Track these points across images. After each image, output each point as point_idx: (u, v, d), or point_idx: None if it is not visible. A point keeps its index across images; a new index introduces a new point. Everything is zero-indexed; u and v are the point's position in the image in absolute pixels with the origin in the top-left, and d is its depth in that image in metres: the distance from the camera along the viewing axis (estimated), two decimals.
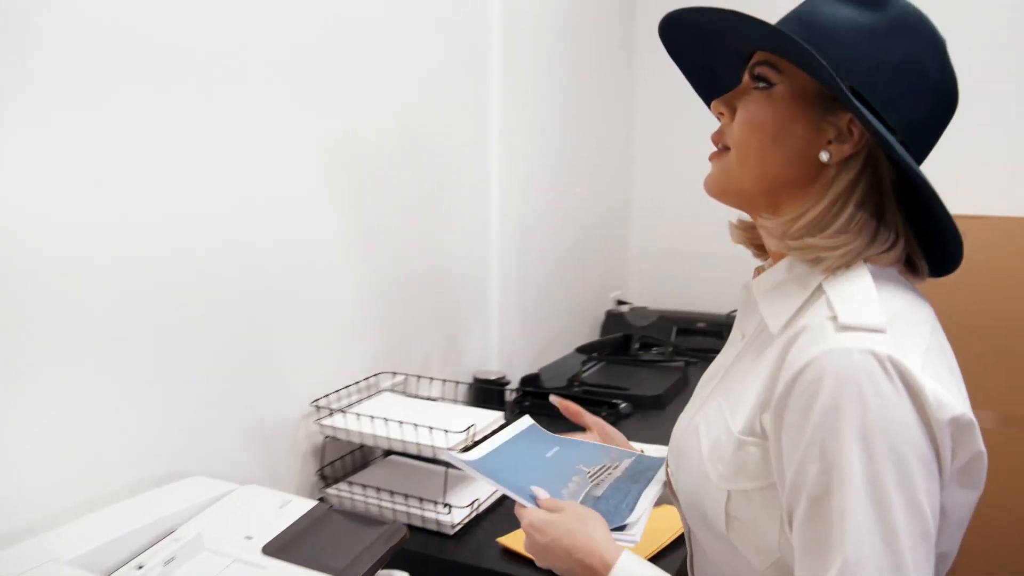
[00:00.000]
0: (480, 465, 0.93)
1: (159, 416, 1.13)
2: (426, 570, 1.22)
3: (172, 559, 0.90)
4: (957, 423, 0.68)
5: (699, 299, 2.81)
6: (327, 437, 1.40)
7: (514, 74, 1.99)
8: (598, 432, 1.12)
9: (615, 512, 0.90)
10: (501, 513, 1.37)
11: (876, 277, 0.76)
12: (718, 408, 0.84)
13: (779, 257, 0.84)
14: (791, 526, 0.71)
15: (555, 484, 0.94)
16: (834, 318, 0.71)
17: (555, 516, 0.85)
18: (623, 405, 1.86)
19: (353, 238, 1.50)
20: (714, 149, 0.86)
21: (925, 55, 0.76)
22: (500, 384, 1.86)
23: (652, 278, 2.97)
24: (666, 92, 2.82)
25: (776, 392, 0.72)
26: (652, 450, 1.16)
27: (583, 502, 0.91)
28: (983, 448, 0.70)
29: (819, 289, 0.77)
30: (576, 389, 1.96)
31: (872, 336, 0.68)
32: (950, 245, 0.78)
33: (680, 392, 2.04)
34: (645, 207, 2.96)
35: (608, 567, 0.80)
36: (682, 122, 2.82)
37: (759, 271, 0.91)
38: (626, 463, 1.03)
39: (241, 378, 1.26)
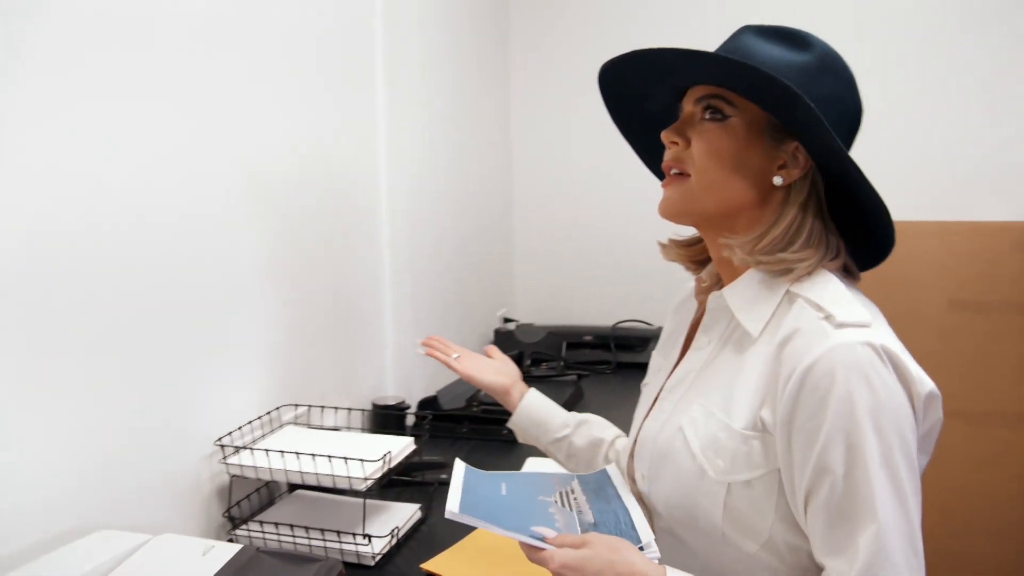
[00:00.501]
0: (485, 515, 0.90)
1: (50, 467, 1.04)
2: None
3: None
4: (931, 396, 0.82)
5: (583, 313, 2.89)
6: (233, 476, 1.35)
7: (398, 99, 1.99)
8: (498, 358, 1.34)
9: (625, 535, 0.90)
10: (419, 539, 1.36)
11: (836, 277, 0.87)
12: (703, 408, 0.91)
13: (736, 271, 0.93)
14: (806, 507, 0.81)
15: (544, 520, 0.92)
16: (828, 318, 0.81)
17: (586, 551, 0.83)
18: None
19: (248, 271, 1.46)
20: (664, 175, 0.95)
21: (846, 90, 0.88)
22: (400, 409, 1.84)
23: (535, 295, 3.02)
24: (540, 112, 2.89)
25: (784, 389, 0.81)
26: (542, 464, 1.23)
27: (583, 531, 0.91)
28: (942, 415, 0.85)
29: (788, 294, 0.87)
30: (475, 409, 1.96)
31: (864, 330, 0.80)
32: (879, 240, 0.89)
33: (575, 404, 2.08)
34: (526, 228, 3.02)
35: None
36: (559, 139, 2.90)
37: (700, 281, 1.03)
38: (576, 484, 1.05)
39: (138, 419, 1.19)
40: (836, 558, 0.79)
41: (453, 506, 0.89)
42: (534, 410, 1.26)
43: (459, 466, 1.02)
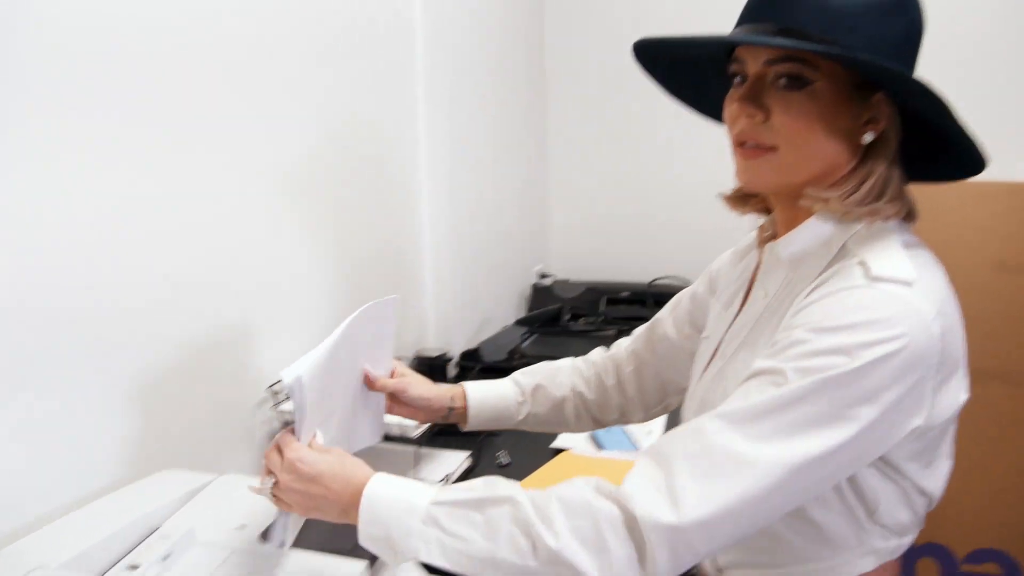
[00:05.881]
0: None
1: (119, 413, 1.08)
2: None
3: (168, 555, 0.86)
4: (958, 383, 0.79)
5: (618, 269, 2.87)
6: (285, 423, 1.37)
7: (438, 57, 1.97)
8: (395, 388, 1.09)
9: None
10: None
11: (897, 232, 0.82)
12: (744, 361, 0.87)
13: (793, 221, 0.87)
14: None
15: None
16: (863, 264, 0.76)
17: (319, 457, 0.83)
18: None
19: (300, 227, 1.47)
20: (743, 146, 0.85)
21: (915, 11, 0.81)
22: (442, 360, 1.85)
23: (571, 251, 3.00)
24: (577, 64, 2.85)
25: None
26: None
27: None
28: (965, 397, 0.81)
29: (844, 248, 0.82)
30: (517, 362, 1.97)
31: (901, 288, 0.74)
32: (963, 159, 0.83)
33: None
34: (561, 183, 2.99)
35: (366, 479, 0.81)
36: (595, 91, 2.86)
37: (763, 230, 0.97)
38: None
39: (195, 369, 1.21)
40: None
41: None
42: (485, 407, 1.15)
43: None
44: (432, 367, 1.83)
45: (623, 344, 1.22)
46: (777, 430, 0.71)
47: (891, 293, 0.73)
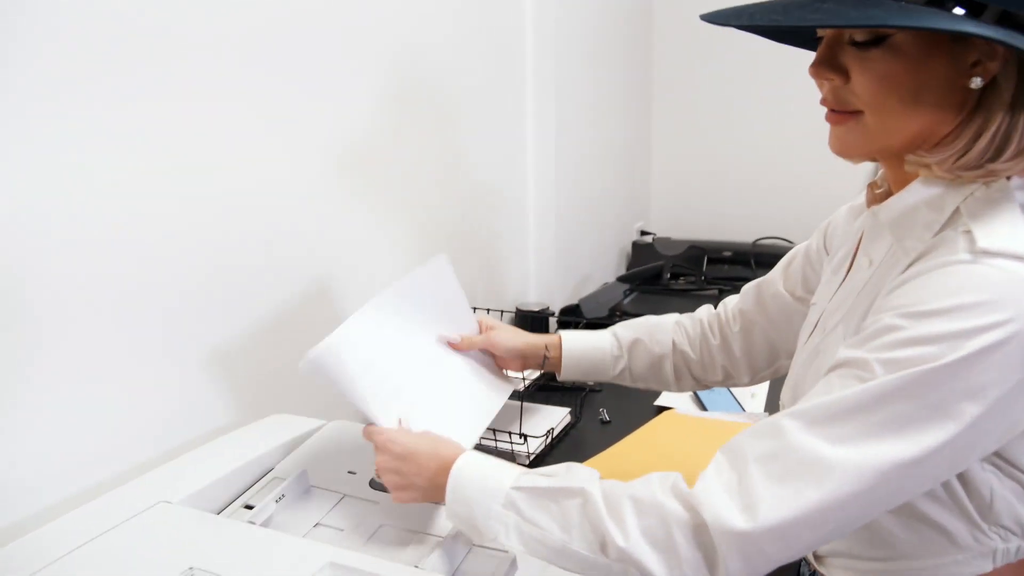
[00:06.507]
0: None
1: (235, 360, 1.10)
2: None
3: (282, 497, 0.88)
4: None
5: (717, 229, 2.79)
6: None
7: (545, 10, 1.92)
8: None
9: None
10: (570, 443, 1.36)
11: (1019, 192, 0.70)
12: (841, 336, 0.80)
13: (903, 180, 0.76)
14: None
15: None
16: (969, 234, 0.66)
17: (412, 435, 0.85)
18: None
19: (403, 177, 1.47)
20: (826, 110, 0.77)
21: None
22: (543, 314, 1.84)
23: (673, 208, 2.93)
24: (682, 23, 2.75)
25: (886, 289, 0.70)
26: None
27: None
28: None
29: (957, 212, 0.71)
30: (618, 318, 1.94)
31: (1012, 263, 0.63)
32: None
33: None
34: (664, 141, 2.91)
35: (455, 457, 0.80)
36: (700, 49, 2.76)
37: (873, 187, 0.85)
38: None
39: (306, 315, 1.23)
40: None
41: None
42: (580, 358, 1.14)
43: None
44: (533, 322, 1.82)
45: (731, 302, 1.16)
46: (862, 431, 0.64)
47: (1000, 269, 0.63)
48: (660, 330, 1.15)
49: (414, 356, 0.98)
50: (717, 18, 0.73)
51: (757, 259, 2.47)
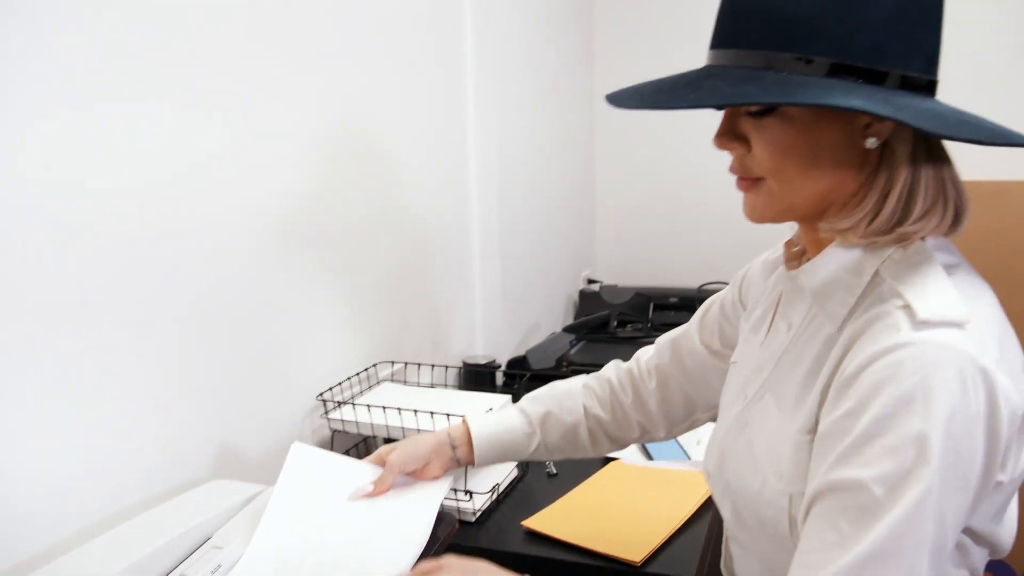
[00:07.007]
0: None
1: (164, 424, 1.08)
2: None
3: (218, 567, 0.86)
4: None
5: (665, 275, 2.84)
6: (335, 431, 1.37)
7: (486, 62, 1.97)
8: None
9: None
10: (517, 497, 1.36)
11: (936, 251, 0.72)
12: (767, 406, 0.80)
13: (820, 244, 0.78)
14: (805, 517, 0.68)
15: None
16: (908, 311, 0.67)
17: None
18: None
19: (342, 235, 1.47)
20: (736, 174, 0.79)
21: None
22: (491, 368, 1.84)
23: (619, 255, 2.98)
24: (624, 70, 2.82)
25: (839, 380, 0.68)
26: None
27: None
28: None
29: (877, 276, 0.72)
30: (565, 369, 1.95)
31: (953, 332, 0.64)
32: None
33: None
34: (608, 189, 2.97)
35: None
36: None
37: (790, 245, 0.87)
38: None
39: (245, 378, 1.22)
40: None
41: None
42: (493, 442, 1.08)
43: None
44: (480, 375, 1.83)
45: (643, 357, 1.14)
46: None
47: (944, 346, 0.64)
48: (569, 397, 1.12)
49: (331, 531, 0.95)
50: (617, 100, 0.77)
51: (700, 304, 2.51)
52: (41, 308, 0.89)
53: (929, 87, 0.71)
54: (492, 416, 1.11)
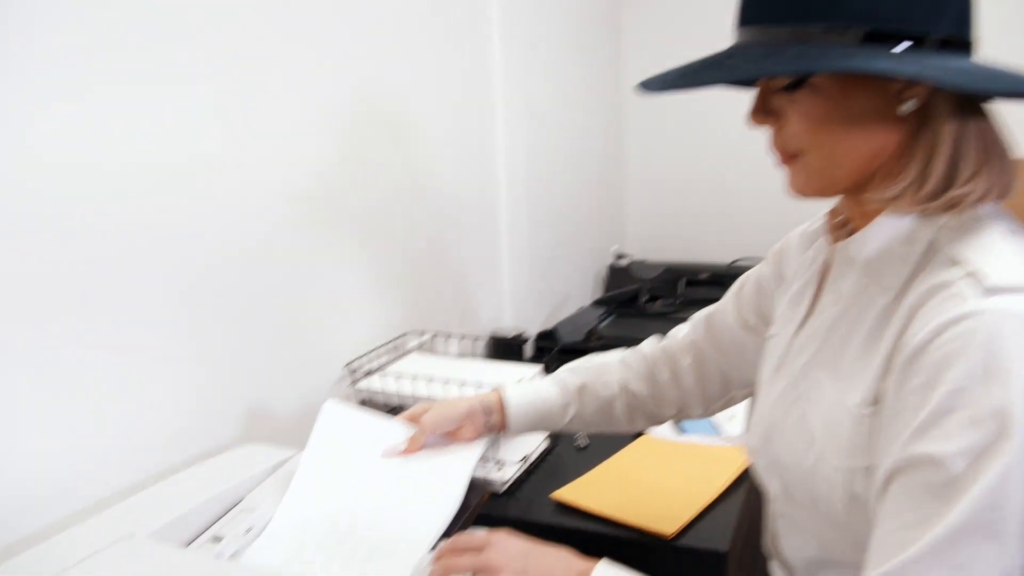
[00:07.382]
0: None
1: (197, 390, 1.09)
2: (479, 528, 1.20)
3: (249, 529, 0.87)
4: None
5: (696, 250, 2.81)
6: (362, 400, 1.37)
7: (513, 30, 1.94)
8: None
9: None
10: (547, 468, 1.35)
11: (994, 216, 0.70)
12: (818, 380, 0.78)
13: (869, 213, 0.76)
14: (881, 496, 0.66)
15: None
16: (974, 276, 0.65)
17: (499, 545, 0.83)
18: None
19: (373, 205, 1.46)
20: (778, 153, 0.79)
21: None
22: (519, 340, 1.83)
23: (649, 231, 2.95)
24: (654, 42, 2.78)
25: (904, 353, 0.66)
26: None
27: None
28: None
29: (932, 245, 0.70)
30: (594, 342, 1.94)
31: (1022, 299, 0.62)
32: None
33: None
34: (638, 162, 2.93)
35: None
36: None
37: (833, 215, 0.85)
38: None
39: (276, 348, 1.23)
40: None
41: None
42: (527, 411, 1.08)
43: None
44: (508, 347, 1.82)
45: (680, 333, 1.12)
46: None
47: (1015, 314, 0.62)
48: (606, 371, 1.11)
49: (363, 493, 0.95)
50: (650, 86, 0.78)
51: (734, 280, 2.48)
52: (74, 272, 0.89)
53: (966, 47, 0.70)
54: (528, 384, 1.10)
